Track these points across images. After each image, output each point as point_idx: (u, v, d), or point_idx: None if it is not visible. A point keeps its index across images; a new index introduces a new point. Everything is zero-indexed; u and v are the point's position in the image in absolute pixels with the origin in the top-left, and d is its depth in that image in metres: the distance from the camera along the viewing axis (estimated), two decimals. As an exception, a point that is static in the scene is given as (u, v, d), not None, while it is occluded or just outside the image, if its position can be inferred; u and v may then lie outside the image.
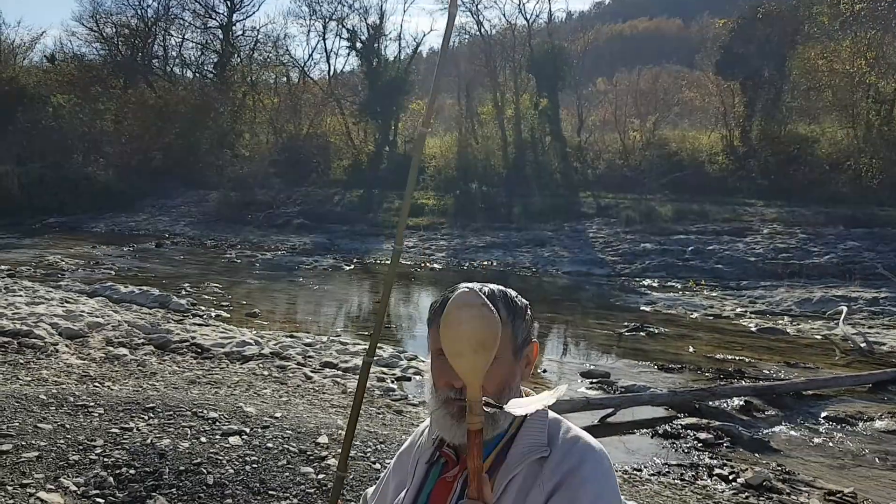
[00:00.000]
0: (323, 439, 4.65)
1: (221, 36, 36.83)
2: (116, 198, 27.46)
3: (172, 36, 39.01)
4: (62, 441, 4.01)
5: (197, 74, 37.82)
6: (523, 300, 1.53)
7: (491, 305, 1.18)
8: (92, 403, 4.73)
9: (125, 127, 31.81)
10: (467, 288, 1.20)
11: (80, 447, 3.97)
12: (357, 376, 7.65)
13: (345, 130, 32.20)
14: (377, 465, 4.28)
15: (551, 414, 1.54)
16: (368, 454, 4.55)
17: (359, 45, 32.63)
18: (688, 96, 31.96)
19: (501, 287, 1.50)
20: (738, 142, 26.11)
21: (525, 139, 29.05)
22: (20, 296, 10.24)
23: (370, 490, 1.78)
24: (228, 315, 10.92)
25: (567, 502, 1.38)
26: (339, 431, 4.92)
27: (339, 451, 4.44)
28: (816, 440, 6.59)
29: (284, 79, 36.23)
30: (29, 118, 29.99)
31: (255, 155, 29.91)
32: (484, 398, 1.21)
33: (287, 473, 4.03)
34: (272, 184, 26.71)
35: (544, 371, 8.61)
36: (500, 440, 1.49)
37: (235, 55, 36.52)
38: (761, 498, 5.15)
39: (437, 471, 1.54)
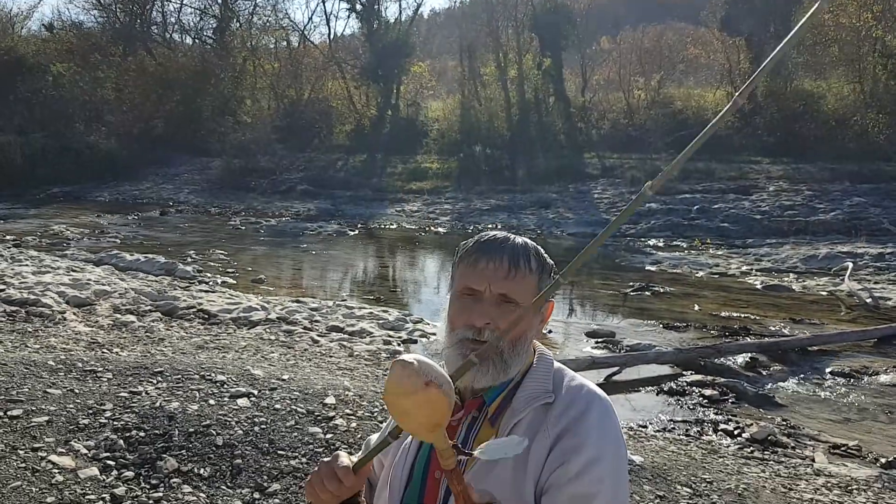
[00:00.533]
0: (330, 400, 4.69)
1: (220, 0, 36.41)
2: (119, 167, 27.41)
3: (171, 1, 38.66)
4: (72, 406, 4.05)
5: (196, 40, 37.53)
6: (551, 260, 1.57)
7: (435, 381, 1.13)
8: (100, 368, 4.77)
9: (126, 95, 31.62)
10: (402, 365, 1.13)
11: (90, 411, 4.01)
12: (363, 339, 7.70)
13: (346, 95, 31.97)
14: (384, 425, 4.32)
15: (556, 363, 1.55)
16: (375, 413, 4.59)
17: (359, 6, 32.28)
18: (693, 53, 31.57)
19: (532, 242, 1.54)
20: (743, 99, 25.80)
21: (528, 100, 28.80)
22: (26, 265, 10.28)
23: (373, 437, 1.79)
24: (234, 281, 10.96)
25: (572, 447, 1.39)
26: (346, 392, 4.96)
27: (347, 411, 4.48)
28: (821, 395, 6.63)
29: (284, 43, 35.92)
30: (29, 88, 29.83)
31: (256, 121, 29.74)
32: (459, 456, 1.20)
33: (295, 434, 4.07)
34: (275, 150, 26.60)
35: (550, 332, 8.64)
36: (507, 386, 1.50)
37: (234, 20, 36.17)
38: (766, 452, 5.19)
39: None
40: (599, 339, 8.25)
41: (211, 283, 10.63)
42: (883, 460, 5.09)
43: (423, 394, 1.11)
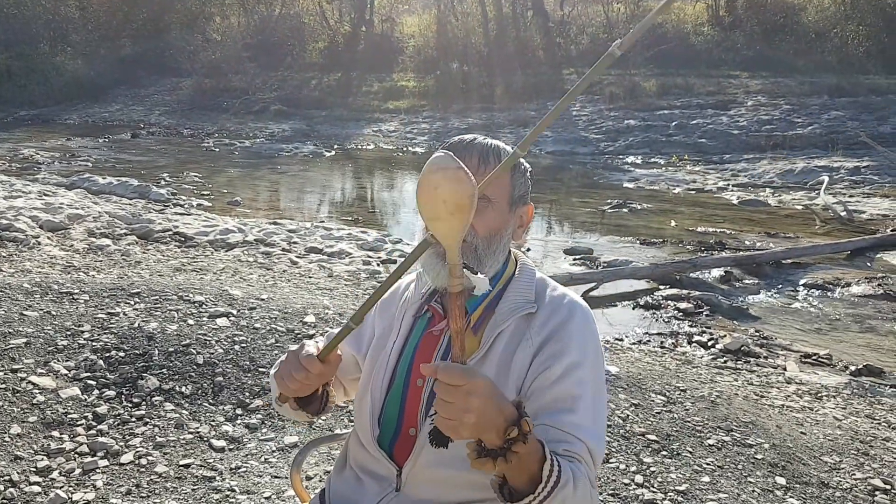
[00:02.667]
0: (310, 318, 4.70)
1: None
2: (87, 88, 26.64)
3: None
4: (49, 327, 4.03)
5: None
6: (527, 164, 1.57)
7: (466, 169, 1.14)
8: (77, 291, 4.73)
9: (91, 13, 30.47)
10: (443, 152, 1.16)
11: (68, 333, 3.99)
12: (342, 260, 7.70)
13: (319, 10, 31.02)
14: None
15: (538, 273, 1.56)
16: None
17: (329, -84, 30.99)
18: (673, -35, 30.79)
19: (503, 143, 1.53)
20: (723, 11, 25.45)
21: (506, 14, 28.15)
22: (-4, 190, 10.08)
23: (335, 330, 1.79)
24: (210, 204, 10.84)
25: (555, 353, 1.41)
26: (326, 311, 4.98)
27: (327, 329, 4.50)
28: (794, 306, 6.76)
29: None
30: (-13, 5, 28.68)
31: (226, 39, 28.87)
32: (463, 263, 1.19)
33: (276, 352, 4.09)
34: (246, 69, 25.93)
35: (528, 250, 8.68)
36: (487, 296, 1.50)
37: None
38: (739, 362, 5.32)
39: (424, 324, 1.56)
40: (577, 256, 8.31)
41: (186, 205, 10.50)
42: (852, 368, 5.24)
43: (455, 171, 1.14)
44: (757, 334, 5.97)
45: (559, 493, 1.21)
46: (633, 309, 6.71)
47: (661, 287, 7.25)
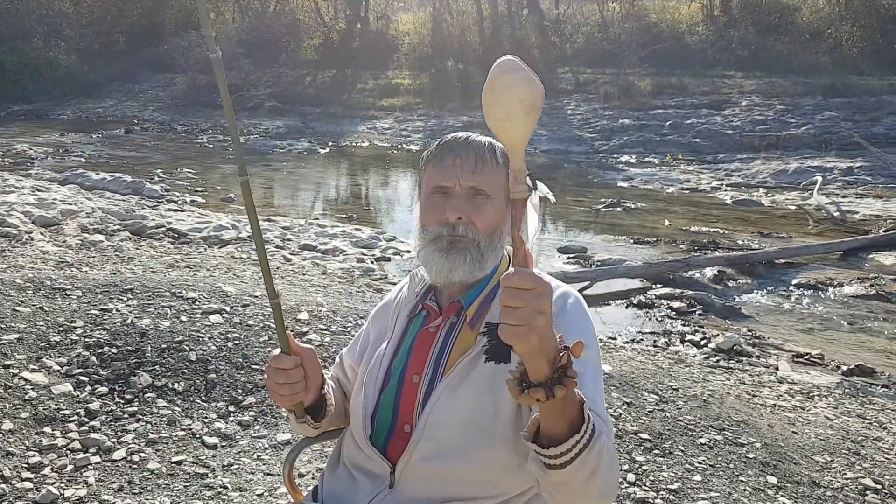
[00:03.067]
0: (303, 315, 4.70)
1: None
2: (81, 83, 26.52)
3: None
4: (42, 323, 4.02)
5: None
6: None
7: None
8: (69, 287, 4.71)
9: (85, 8, 30.34)
10: (509, 56, 1.15)
11: (61, 328, 3.98)
12: (336, 257, 7.69)
13: (314, 7, 30.96)
14: (358, 332, 4.35)
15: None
16: (349, 328, 4.62)
17: (325, -86, 30.92)
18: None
19: (497, 141, 1.54)
20: (718, 11, 25.50)
21: (501, 13, 28.15)
22: (-11, 185, 10.03)
23: (344, 351, 1.81)
24: (204, 200, 10.81)
25: None
26: (320, 308, 4.98)
27: (320, 326, 4.50)
28: (787, 306, 6.79)
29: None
30: (-20, 0, 28.54)
31: (221, 35, 28.78)
32: (528, 172, 1.18)
33: (269, 349, 4.09)
34: (241, 65, 25.84)
35: (522, 247, 8.69)
36: (483, 289, 1.51)
37: (195, -72, 34.52)
38: (731, 361, 5.34)
39: (419, 322, 1.57)
40: (571, 255, 8.33)
41: (180, 202, 10.48)
42: (844, 368, 5.26)
43: (528, 73, 1.12)
44: (749, 334, 5.99)
45: (597, 442, 1.19)
46: (627, 308, 6.73)
47: (655, 286, 7.27)
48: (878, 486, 3.34)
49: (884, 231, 9.16)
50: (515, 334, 1.08)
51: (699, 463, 3.37)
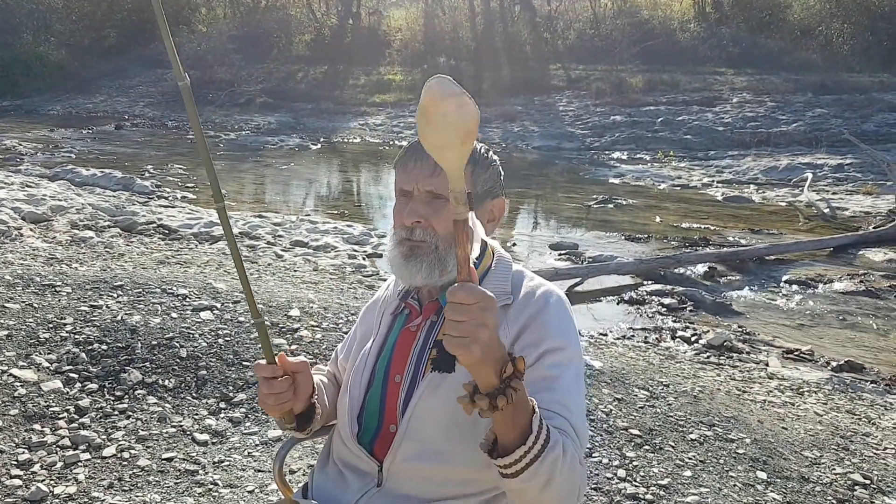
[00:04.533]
0: (294, 312, 4.69)
1: None
2: (71, 79, 26.39)
3: None
4: (31, 320, 4.00)
5: (146, -56, 35.63)
6: (493, 155, 1.57)
7: (467, 93, 1.13)
8: (59, 283, 4.69)
9: (74, 3, 30.17)
10: (440, 77, 1.13)
11: (50, 325, 3.96)
12: (327, 254, 7.68)
13: (305, 2, 30.87)
14: (348, 333, 4.34)
15: (514, 265, 1.56)
16: (340, 325, 4.61)
17: None
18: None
19: None
20: (710, 8, 25.55)
21: (493, 9, 28.12)
22: (-22, 181, 9.97)
23: (339, 346, 1.81)
24: (195, 196, 10.77)
25: (532, 342, 1.41)
26: (311, 304, 4.97)
27: (311, 323, 4.50)
28: (777, 302, 6.81)
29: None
30: (-31, -5, 28.34)
31: (212, 30, 28.67)
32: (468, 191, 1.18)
33: (259, 345, 4.07)
34: (232, 61, 25.76)
35: (514, 245, 8.70)
36: None
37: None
38: (722, 357, 5.36)
39: (402, 321, 1.58)
40: (562, 251, 8.33)
41: (170, 198, 10.44)
42: (834, 364, 5.29)
43: (461, 97, 1.11)
44: (740, 330, 6.02)
45: (550, 454, 1.21)
46: (618, 304, 6.74)
47: (646, 282, 7.28)
48: (867, 482, 3.36)
49: (873, 228, 9.20)
50: (459, 345, 1.11)
51: (689, 458, 3.39)
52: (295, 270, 6.74)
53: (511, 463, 1.20)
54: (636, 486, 3.11)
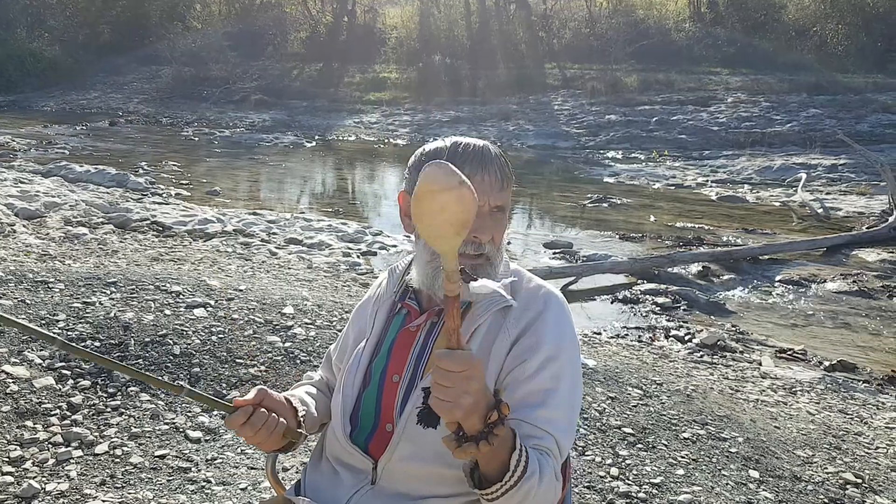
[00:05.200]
0: (288, 310, 4.68)
1: None
2: (65, 75, 26.31)
3: None
4: (23, 316, 3.98)
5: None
6: (506, 160, 1.57)
7: (466, 179, 1.11)
8: (52, 279, 4.67)
9: (69, -1, 30.11)
10: (440, 164, 1.11)
11: (43, 322, 3.95)
12: (322, 251, 7.67)
13: (301, 0, 30.83)
14: (342, 332, 4.34)
15: (514, 267, 1.56)
16: (334, 322, 4.61)
17: None
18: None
19: (493, 146, 1.52)
20: (705, 8, 25.60)
21: (489, 7, 28.12)
22: (-30, 177, 9.92)
23: (332, 347, 1.80)
24: (189, 193, 10.75)
25: (531, 346, 1.42)
26: (305, 302, 4.96)
27: (305, 320, 4.49)
28: (770, 302, 6.83)
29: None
30: (-36, -10, 28.21)
31: (207, 27, 28.62)
32: (461, 267, 1.18)
33: (254, 342, 4.07)
34: (227, 58, 25.71)
35: (508, 243, 8.70)
36: None
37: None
38: (715, 356, 5.37)
39: (400, 321, 1.56)
40: (557, 250, 8.34)
41: (164, 194, 10.42)
42: (826, 363, 5.31)
43: (459, 189, 1.10)
44: (733, 329, 6.03)
45: (525, 484, 1.25)
46: (612, 303, 6.75)
47: (640, 281, 7.30)
48: (859, 481, 3.38)
49: (866, 228, 9.24)
50: (442, 409, 1.17)
51: (682, 457, 3.39)
52: (289, 268, 6.73)
53: (490, 492, 1.27)
54: (629, 484, 3.12)
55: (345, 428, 1.52)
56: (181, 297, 4.62)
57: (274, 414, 1.48)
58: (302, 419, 1.57)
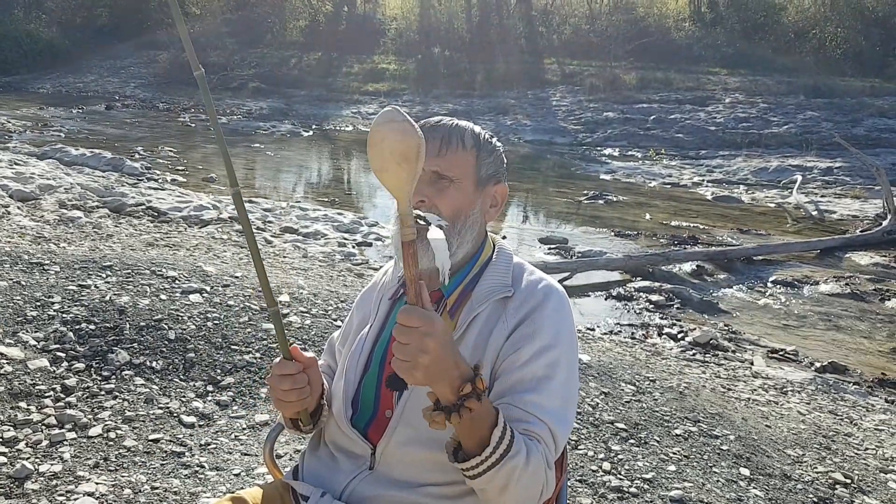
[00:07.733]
0: (284, 298, 4.69)
1: None
2: (62, 57, 26.16)
3: None
4: (18, 297, 3.97)
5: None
6: (497, 142, 1.58)
7: (412, 122, 1.16)
8: (47, 262, 4.66)
9: (67, -20, 29.93)
10: (391, 107, 1.18)
11: (38, 304, 3.94)
12: (317, 241, 7.66)
13: (301, -12, 30.70)
14: (338, 323, 4.35)
15: (515, 258, 1.56)
16: (330, 312, 4.61)
17: None
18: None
19: (474, 126, 1.54)
20: (705, 8, 25.61)
21: (489, 1, 28.06)
22: (-35, 157, 9.87)
23: (335, 334, 1.80)
24: (185, 179, 10.72)
25: (527, 335, 1.42)
26: (301, 290, 4.96)
27: (301, 308, 4.49)
28: (763, 302, 6.86)
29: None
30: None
31: (206, 13, 28.49)
32: (416, 211, 1.21)
33: (249, 329, 4.07)
34: (225, 45, 25.61)
35: (504, 237, 8.71)
36: (464, 277, 1.51)
37: None
38: (707, 355, 5.40)
39: (401, 307, 1.57)
40: (552, 246, 8.36)
41: (160, 180, 10.38)
42: (818, 364, 5.34)
43: (400, 123, 1.15)
44: (726, 328, 6.06)
45: (508, 462, 1.24)
46: (606, 299, 6.77)
47: (634, 279, 7.32)
48: (848, 481, 3.40)
49: (860, 231, 9.28)
50: (401, 368, 1.16)
51: (674, 453, 3.41)
52: (284, 257, 6.73)
53: (469, 468, 1.26)
54: (621, 479, 3.14)
55: (346, 412, 1.53)
56: (177, 282, 4.62)
57: (309, 386, 1.49)
58: (323, 406, 1.59)
